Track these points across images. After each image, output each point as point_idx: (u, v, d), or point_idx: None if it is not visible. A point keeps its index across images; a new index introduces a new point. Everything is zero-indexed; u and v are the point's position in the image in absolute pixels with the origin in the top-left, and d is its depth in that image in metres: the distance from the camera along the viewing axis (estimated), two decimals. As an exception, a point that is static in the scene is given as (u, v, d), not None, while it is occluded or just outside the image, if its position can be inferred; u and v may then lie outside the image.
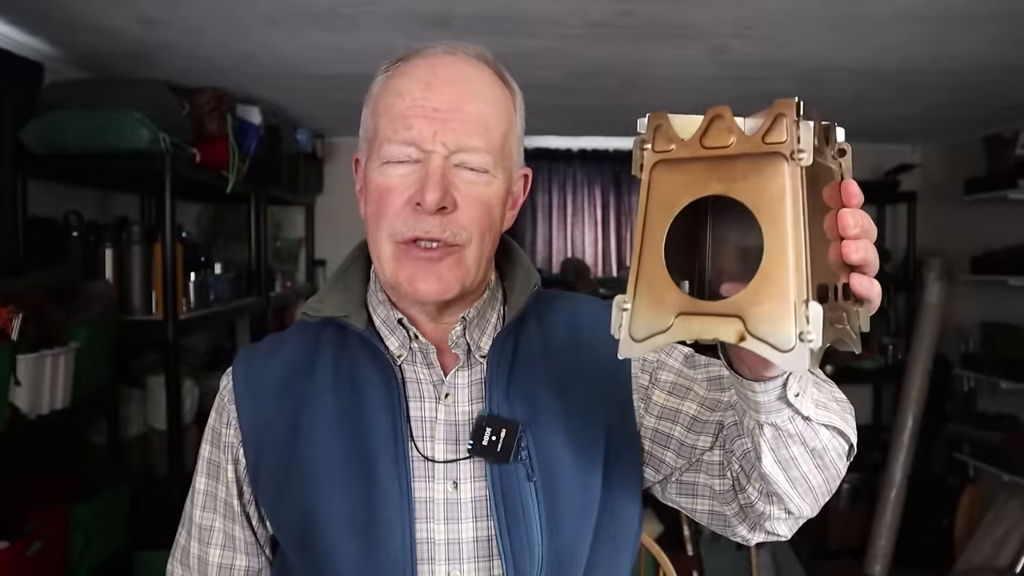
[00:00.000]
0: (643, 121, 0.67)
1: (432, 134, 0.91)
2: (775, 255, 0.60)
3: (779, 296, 0.59)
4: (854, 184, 0.69)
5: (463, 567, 0.94)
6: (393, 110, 0.94)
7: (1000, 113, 3.88)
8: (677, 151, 0.65)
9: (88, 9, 2.32)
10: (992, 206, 4.26)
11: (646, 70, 3.11)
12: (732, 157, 0.62)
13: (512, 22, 2.49)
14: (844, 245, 0.67)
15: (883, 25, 2.49)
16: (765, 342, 0.60)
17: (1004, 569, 3.62)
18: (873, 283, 0.69)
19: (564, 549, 0.95)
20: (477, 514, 0.96)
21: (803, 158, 0.60)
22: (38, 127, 2.45)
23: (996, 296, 4.27)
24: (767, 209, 0.60)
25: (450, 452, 0.97)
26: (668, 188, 0.65)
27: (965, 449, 4.26)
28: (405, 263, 0.94)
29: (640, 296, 0.65)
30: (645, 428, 1.02)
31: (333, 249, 4.60)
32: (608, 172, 5.06)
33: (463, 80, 0.95)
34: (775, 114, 0.61)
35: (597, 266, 5.07)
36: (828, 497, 0.91)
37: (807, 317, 0.59)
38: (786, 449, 0.82)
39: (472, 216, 0.93)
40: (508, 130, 0.97)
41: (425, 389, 0.99)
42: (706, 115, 0.64)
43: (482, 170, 0.93)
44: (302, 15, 2.41)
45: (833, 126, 0.69)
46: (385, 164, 0.94)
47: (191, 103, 2.85)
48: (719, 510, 0.99)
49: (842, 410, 0.87)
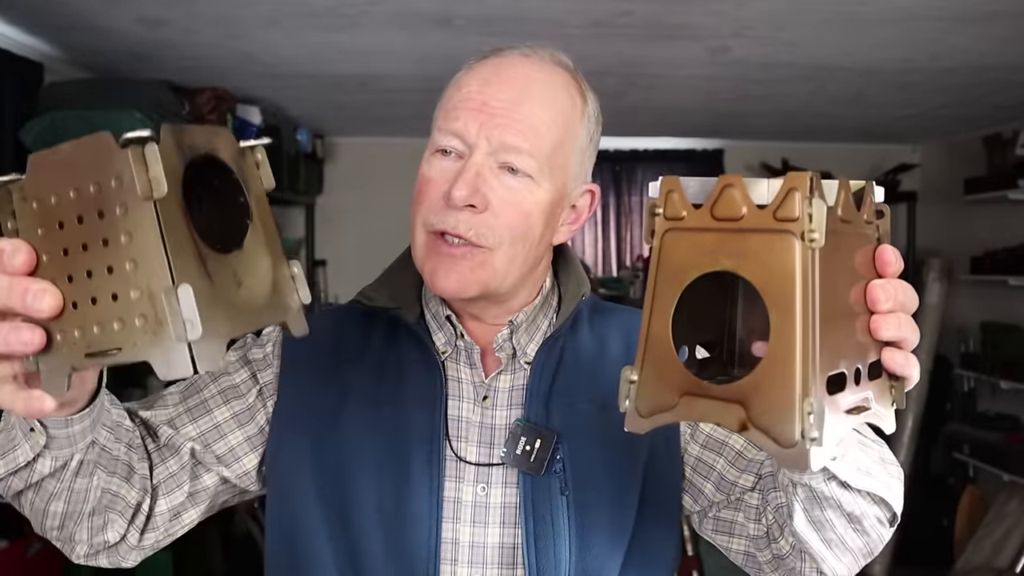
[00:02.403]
0: (655, 185, 0.64)
1: (477, 127, 0.90)
2: (782, 343, 0.56)
3: (783, 388, 0.56)
4: (890, 251, 0.64)
5: (486, 572, 0.93)
6: (448, 102, 0.94)
7: (1000, 113, 3.89)
8: (688, 220, 0.62)
9: (88, 9, 2.32)
10: (992, 206, 4.26)
11: (646, 70, 3.11)
12: (743, 231, 0.59)
13: (512, 22, 2.49)
14: (874, 320, 0.62)
15: (883, 25, 2.49)
16: (767, 435, 0.56)
17: (1004, 569, 3.62)
18: (908, 359, 0.64)
19: (593, 568, 0.93)
20: (505, 520, 0.94)
21: (815, 239, 0.56)
22: (38, 127, 2.45)
23: (996, 296, 4.27)
24: (775, 292, 0.57)
25: (483, 455, 0.96)
26: (679, 258, 0.62)
27: (965, 449, 4.26)
28: (431, 255, 0.93)
29: (647, 371, 0.63)
30: (688, 455, 0.99)
31: (333, 249, 4.60)
32: (608, 172, 5.07)
33: (523, 81, 0.93)
34: (787, 188, 0.57)
35: (597, 266, 5.07)
36: (870, 559, 0.86)
37: (811, 415, 0.55)
38: (820, 511, 0.78)
39: (504, 220, 0.91)
40: (564, 138, 0.94)
41: (465, 389, 0.98)
42: (717, 183, 0.61)
43: (524, 174, 0.91)
44: (302, 15, 2.41)
45: (869, 186, 0.65)
46: (433, 155, 0.94)
47: (191, 103, 2.85)
48: (754, 553, 0.96)
49: (888, 474, 0.82)
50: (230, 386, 0.99)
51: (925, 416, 4.37)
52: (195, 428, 0.95)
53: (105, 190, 0.57)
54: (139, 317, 0.57)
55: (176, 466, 0.93)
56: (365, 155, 4.77)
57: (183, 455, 0.94)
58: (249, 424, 0.98)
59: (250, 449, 0.98)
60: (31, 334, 0.59)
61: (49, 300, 0.58)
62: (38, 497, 0.83)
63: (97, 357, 0.59)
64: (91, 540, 0.88)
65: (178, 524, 0.95)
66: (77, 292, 0.59)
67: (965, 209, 4.46)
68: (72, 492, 0.83)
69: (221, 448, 0.96)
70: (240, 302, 0.62)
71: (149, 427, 0.94)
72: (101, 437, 0.82)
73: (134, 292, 0.57)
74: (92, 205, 0.58)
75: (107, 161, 0.56)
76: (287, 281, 0.68)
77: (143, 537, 0.92)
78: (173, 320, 0.55)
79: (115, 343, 0.58)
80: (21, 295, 0.58)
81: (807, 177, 0.57)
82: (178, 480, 0.93)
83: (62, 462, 0.79)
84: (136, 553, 0.93)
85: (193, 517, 0.96)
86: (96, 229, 0.58)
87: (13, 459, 0.78)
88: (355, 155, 4.75)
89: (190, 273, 0.57)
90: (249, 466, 0.98)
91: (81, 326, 0.59)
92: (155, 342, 0.56)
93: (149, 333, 0.57)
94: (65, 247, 0.59)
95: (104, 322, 0.58)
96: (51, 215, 0.59)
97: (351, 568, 0.93)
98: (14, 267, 0.59)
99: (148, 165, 0.56)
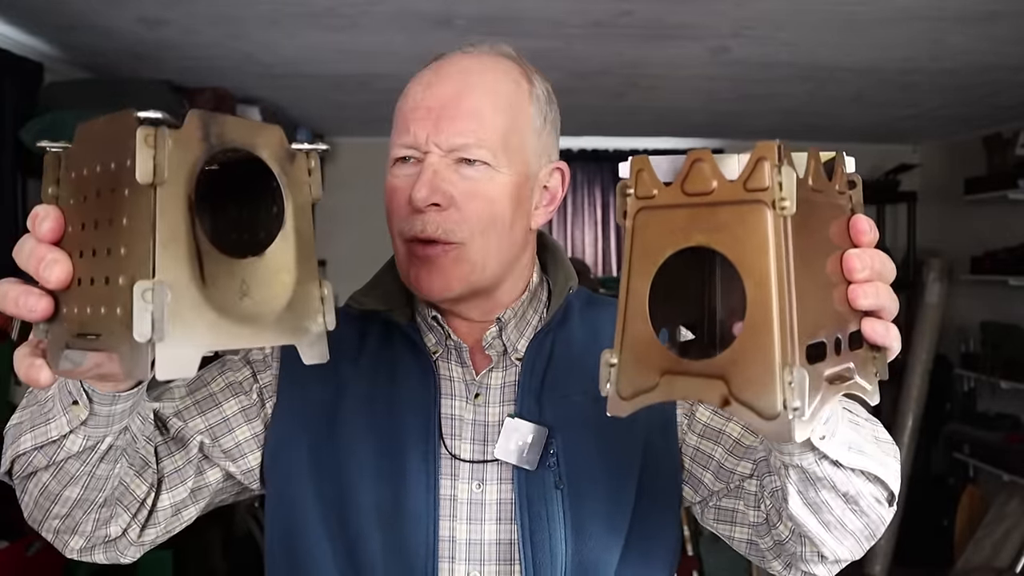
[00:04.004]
0: (625, 165, 0.63)
1: (425, 134, 0.92)
2: (759, 314, 0.55)
3: (762, 359, 0.55)
4: (864, 220, 0.64)
5: (484, 568, 0.93)
6: (398, 114, 0.96)
7: (1000, 113, 3.89)
8: (659, 197, 0.61)
9: (88, 9, 2.32)
10: (992, 206, 4.26)
11: (646, 70, 3.11)
12: (715, 204, 0.58)
13: (512, 22, 2.49)
14: (851, 290, 0.62)
15: (883, 25, 2.49)
16: (749, 408, 0.55)
17: (1004, 569, 3.62)
18: (889, 329, 0.63)
19: (589, 560, 0.93)
20: (501, 517, 0.95)
21: (786, 207, 0.55)
22: (38, 127, 2.45)
23: (996, 296, 4.27)
24: (749, 263, 0.56)
25: (477, 453, 0.96)
26: (651, 236, 0.61)
27: (965, 449, 4.26)
28: (412, 261, 0.94)
29: (626, 353, 0.62)
30: (687, 445, 0.99)
31: (333, 249, 4.59)
32: (608, 172, 5.07)
33: (462, 74, 0.95)
34: (756, 158, 0.57)
35: (597, 266, 5.07)
36: (872, 541, 0.86)
37: (792, 384, 0.54)
38: (815, 493, 0.78)
39: (470, 212, 0.92)
40: (514, 122, 0.95)
41: (457, 387, 0.99)
42: (687, 159, 0.60)
43: (481, 162, 0.92)
44: (302, 15, 2.41)
45: (840, 156, 0.64)
46: (394, 165, 0.96)
47: (191, 103, 2.85)
48: (756, 541, 0.96)
49: (882, 452, 0.81)
50: (235, 382, 0.99)
51: (925, 416, 4.38)
52: (204, 421, 0.95)
53: (119, 168, 0.55)
54: (119, 306, 0.54)
55: (182, 460, 0.93)
56: (365, 155, 4.75)
57: (191, 449, 0.93)
58: (255, 420, 0.98)
59: (256, 446, 0.98)
60: (37, 301, 0.59)
61: (58, 272, 0.58)
62: (55, 479, 0.80)
63: (82, 339, 0.57)
64: (93, 533, 0.87)
65: (177, 521, 0.95)
66: (84, 268, 0.58)
67: (965, 209, 4.46)
68: (93, 478, 0.81)
69: (229, 443, 0.96)
70: (239, 314, 0.58)
71: (158, 418, 0.93)
72: (134, 425, 0.82)
73: (122, 279, 0.54)
74: (108, 183, 0.56)
75: (126, 139, 0.54)
76: (312, 302, 0.62)
77: (143, 532, 0.91)
78: (140, 317, 0.51)
79: (97, 328, 0.56)
80: (37, 262, 0.59)
81: (775, 146, 0.56)
82: (183, 475, 0.93)
83: (93, 442, 0.77)
84: (135, 549, 0.92)
85: (192, 514, 0.96)
86: (107, 207, 0.56)
87: (44, 432, 0.76)
88: (355, 155, 4.75)
89: (176, 272, 0.54)
90: (254, 463, 0.98)
91: (80, 304, 0.57)
92: (125, 336, 0.53)
93: (123, 326, 0.53)
94: (84, 221, 0.58)
95: (94, 304, 0.56)
96: (81, 187, 0.59)
97: (351, 568, 0.93)
98: (41, 233, 0.59)
99: (156, 149, 0.53)
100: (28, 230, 0.61)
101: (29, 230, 0.61)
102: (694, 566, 3.38)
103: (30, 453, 0.79)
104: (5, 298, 0.60)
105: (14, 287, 0.60)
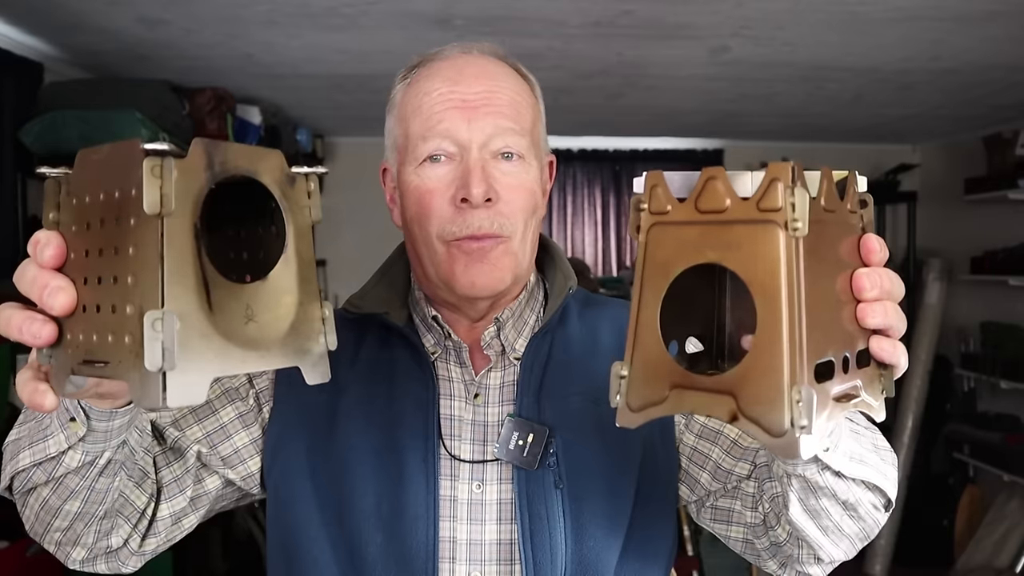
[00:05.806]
0: (639, 180, 0.64)
1: (466, 123, 0.92)
2: (768, 332, 0.56)
3: (771, 377, 0.56)
4: (874, 239, 0.64)
5: (484, 569, 0.94)
6: (423, 109, 0.94)
7: (1000, 113, 3.89)
8: (673, 214, 0.62)
9: (88, 9, 2.33)
10: (992, 206, 4.26)
11: (646, 70, 3.12)
12: (727, 223, 0.59)
13: (512, 22, 2.49)
14: (860, 309, 0.62)
15: (883, 25, 2.49)
16: (757, 424, 0.56)
17: (1004, 569, 3.63)
18: (896, 347, 0.64)
19: (589, 559, 0.93)
20: (501, 517, 0.95)
21: (798, 228, 0.56)
22: (38, 127, 2.46)
23: (996, 296, 4.27)
24: (761, 282, 0.57)
25: (477, 453, 0.96)
26: (664, 252, 0.62)
27: (965, 449, 4.26)
28: (459, 259, 0.93)
29: (636, 365, 0.63)
30: (684, 445, 1.00)
31: (333, 249, 4.60)
32: (608, 172, 5.07)
33: (486, 75, 0.95)
34: (769, 179, 0.57)
35: (597, 266, 5.07)
36: (866, 542, 0.87)
37: (799, 402, 0.55)
38: (815, 500, 0.79)
39: (516, 205, 0.93)
40: (535, 117, 0.98)
41: (456, 388, 0.99)
42: (701, 176, 0.61)
43: (518, 156, 0.94)
44: (302, 15, 2.41)
45: (852, 176, 0.65)
46: (422, 165, 0.94)
47: (191, 103, 2.85)
48: (752, 541, 0.97)
49: (881, 461, 0.83)
50: (231, 388, 0.99)
51: (925, 416, 4.38)
52: (201, 429, 0.95)
53: (124, 198, 0.55)
54: (128, 335, 0.54)
55: (180, 470, 0.93)
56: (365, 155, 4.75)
57: (188, 458, 0.94)
58: (253, 426, 0.98)
59: (255, 451, 0.98)
60: (41, 328, 0.59)
61: (62, 299, 0.58)
62: (55, 494, 0.81)
63: (89, 366, 0.58)
64: (94, 544, 0.87)
65: (178, 529, 0.95)
66: (88, 296, 0.58)
67: (965, 209, 4.46)
68: (92, 491, 0.81)
69: (227, 449, 0.96)
70: (244, 338, 0.58)
71: (155, 428, 0.93)
72: (132, 438, 0.82)
73: (129, 308, 0.55)
74: (113, 211, 0.56)
75: (132, 168, 0.54)
76: (313, 323, 0.63)
77: (144, 542, 0.91)
78: (150, 347, 0.52)
79: (105, 355, 0.56)
80: (41, 289, 0.59)
81: (789, 167, 0.57)
82: (181, 484, 0.93)
83: (91, 458, 0.77)
84: (136, 559, 0.92)
85: (192, 522, 0.96)
86: (112, 236, 0.56)
87: (43, 449, 0.76)
88: (355, 155, 4.75)
89: (185, 300, 0.54)
90: (254, 468, 0.98)
91: (85, 331, 0.58)
92: (135, 365, 0.53)
93: (132, 354, 0.54)
94: (87, 248, 0.58)
95: (101, 331, 0.56)
96: (84, 214, 0.59)
97: (352, 569, 0.93)
98: (43, 259, 0.59)
99: (162, 179, 0.54)
100: (28, 254, 0.60)
101: (30, 255, 0.60)
102: (694, 566, 3.38)
103: (29, 469, 0.79)
104: (9, 324, 0.60)
105: (17, 313, 0.60)
